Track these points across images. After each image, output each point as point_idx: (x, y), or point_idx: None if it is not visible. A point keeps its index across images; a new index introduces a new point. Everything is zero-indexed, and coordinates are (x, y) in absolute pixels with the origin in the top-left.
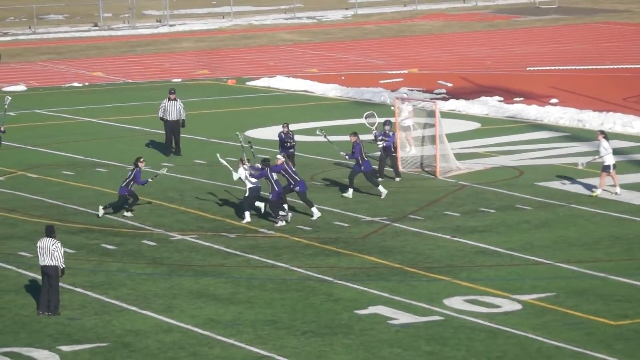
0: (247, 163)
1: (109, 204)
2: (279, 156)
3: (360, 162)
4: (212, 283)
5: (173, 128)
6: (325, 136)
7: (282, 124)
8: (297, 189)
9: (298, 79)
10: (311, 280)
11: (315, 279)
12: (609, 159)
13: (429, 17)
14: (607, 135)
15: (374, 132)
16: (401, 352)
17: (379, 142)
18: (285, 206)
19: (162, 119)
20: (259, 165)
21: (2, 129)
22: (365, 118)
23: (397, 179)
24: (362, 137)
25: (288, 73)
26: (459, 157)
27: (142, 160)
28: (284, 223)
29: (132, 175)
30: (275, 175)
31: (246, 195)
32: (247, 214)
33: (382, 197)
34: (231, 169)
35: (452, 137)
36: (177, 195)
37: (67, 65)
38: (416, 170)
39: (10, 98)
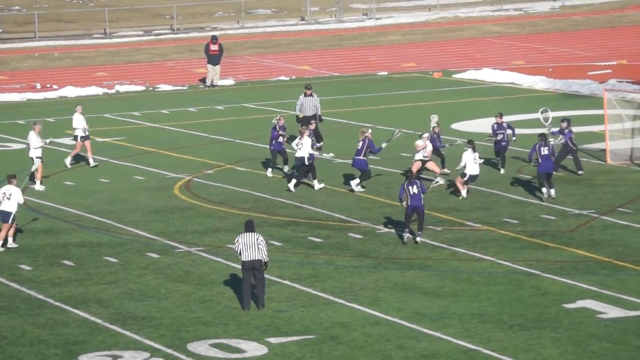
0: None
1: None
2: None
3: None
4: (418, 276)
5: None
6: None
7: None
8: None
9: (505, 71)
10: (518, 273)
11: (522, 272)
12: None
13: None
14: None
15: (548, 127)
16: (611, 347)
17: (550, 140)
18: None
19: (298, 115)
20: None
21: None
22: (541, 113)
23: (580, 172)
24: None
25: (495, 65)
26: None
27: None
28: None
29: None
30: None
31: None
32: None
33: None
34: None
35: None
36: (384, 188)
37: (275, 59)
38: (625, 163)
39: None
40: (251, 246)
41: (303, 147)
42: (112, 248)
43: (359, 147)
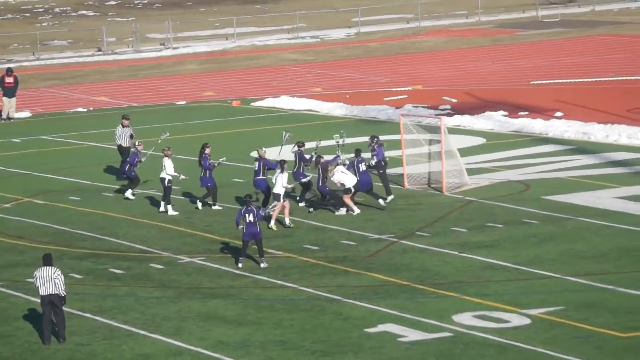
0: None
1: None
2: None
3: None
4: (220, 305)
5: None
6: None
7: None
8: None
9: (303, 99)
10: (320, 299)
11: (323, 298)
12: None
13: (432, 33)
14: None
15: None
16: None
17: (371, 161)
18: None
19: (119, 145)
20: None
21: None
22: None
23: (389, 198)
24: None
25: (292, 93)
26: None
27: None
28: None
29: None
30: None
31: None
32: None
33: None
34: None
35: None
36: (184, 217)
37: (71, 91)
38: (422, 187)
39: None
40: (48, 280)
41: (166, 168)
42: None
43: (257, 168)
